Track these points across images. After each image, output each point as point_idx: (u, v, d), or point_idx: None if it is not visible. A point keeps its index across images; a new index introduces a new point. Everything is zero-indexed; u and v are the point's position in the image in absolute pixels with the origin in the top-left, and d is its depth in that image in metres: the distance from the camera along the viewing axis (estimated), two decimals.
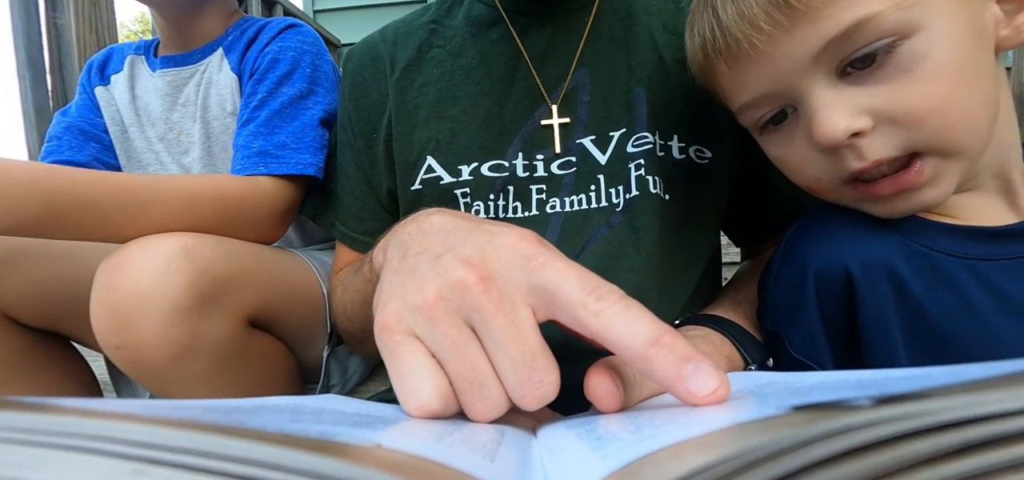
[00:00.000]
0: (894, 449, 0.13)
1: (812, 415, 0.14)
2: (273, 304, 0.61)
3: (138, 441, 0.13)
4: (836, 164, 0.37)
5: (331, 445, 0.14)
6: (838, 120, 0.35)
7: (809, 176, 0.40)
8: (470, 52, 0.58)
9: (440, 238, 0.29)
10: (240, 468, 0.12)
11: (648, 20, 0.56)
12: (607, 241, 0.51)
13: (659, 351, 0.23)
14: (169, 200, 0.55)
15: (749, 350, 0.43)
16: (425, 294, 0.27)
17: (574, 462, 0.19)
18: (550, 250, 0.27)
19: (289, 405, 0.24)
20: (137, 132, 0.78)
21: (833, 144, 0.35)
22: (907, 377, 0.19)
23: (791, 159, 0.41)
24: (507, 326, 0.25)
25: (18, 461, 0.13)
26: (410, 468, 0.15)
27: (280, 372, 0.66)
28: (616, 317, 0.24)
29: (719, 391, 0.22)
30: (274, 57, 0.69)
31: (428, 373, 0.26)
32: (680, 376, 0.22)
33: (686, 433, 0.17)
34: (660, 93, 0.54)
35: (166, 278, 0.49)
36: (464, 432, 0.23)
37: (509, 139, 0.55)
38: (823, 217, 0.43)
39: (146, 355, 0.49)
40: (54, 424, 0.13)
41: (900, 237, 0.39)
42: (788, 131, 0.40)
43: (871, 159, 0.35)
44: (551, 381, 0.25)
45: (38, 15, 1.22)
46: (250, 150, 0.65)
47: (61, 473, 0.12)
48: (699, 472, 0.13)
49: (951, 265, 0.38)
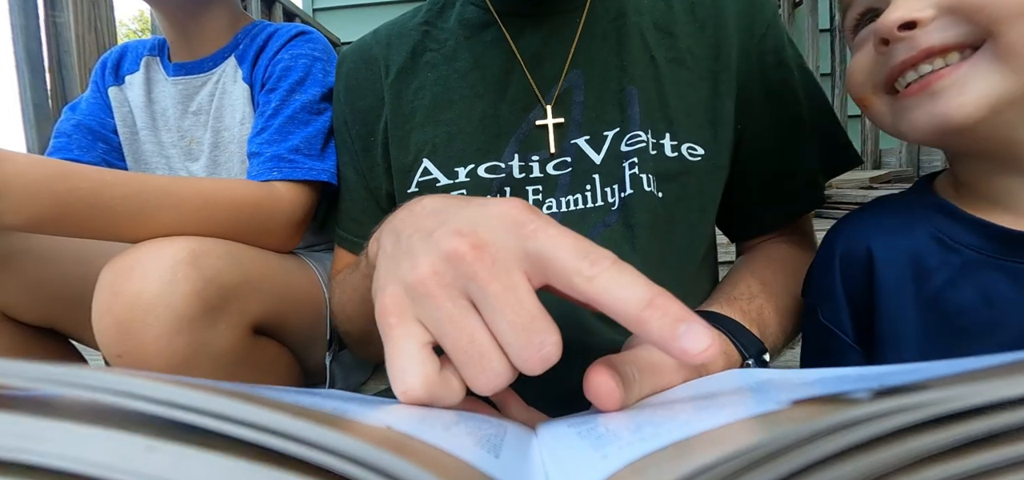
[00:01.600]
0: (896, 445, 0.13)
1: (812, 409, 0.14)
2: (278, 311, 0.61)
3: (152, 397, 0.12)
4: (885, 61, 0.38)
5: (344, 421, 0.14)
6: (895, 11, 0.36)
7: (858, 81, 0.41)
8: (464, 55, 0.58)
9: (432, 217, 0.29)
10: (254, 434, 0.12)
11: (639, 19, 0.56)
12: (603, 240, 0.51)
13: (653, 313, 0.23)
14: (184, 203, 0.54)
15: (746, 345, 0.43)
16: (419, 271, 0.26)
17: (575, 461, 0.19)
18: (541, 217, 0.27)
19: (296, 393, 0.25)
20: (150, 135, 0.78)
21: (886, 31, 0.36)
22: (907, 370, 0.19)
23: (855, 62, 0.42)
24: (503, 291, 0.25)
25: (25, 433, 0.12)
26: (421, 455, 0.15)
27: (284, 379, 0.66)
28: (610, 281, 0.24)
29: (711, 348, 0.22)
30: (286, 65, 0.69)
31: (416, 359, 0.26)
32: (674, 335, 0.22)
33: (687, 431, 0.17)
34: (652, 92, 0.54)
35: (172, 286, 0.48)
36: (469, 424, 0.24)
37: (505, 141, 0.55)
38: (863, 209, 0.46)
39: (148, 364, 0.48)
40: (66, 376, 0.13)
41: (931, 230, 0.40)
42: (867, 34, 0.41)
43: (920, 47, 0.36)
44: (553, 342, 0.25)
45: (37, 13, 1.22)
46: (264, 156, 0.65)
47: (71, 447, 0.12)
48: (702, 471, 0.13)
49: (979, 262, 0.38)
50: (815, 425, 0.13)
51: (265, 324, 0.59)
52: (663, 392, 0.30)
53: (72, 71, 1.22)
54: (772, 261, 0.55)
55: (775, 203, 0.58)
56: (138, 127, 0.78)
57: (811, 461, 0.13)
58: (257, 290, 0.57)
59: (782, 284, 0.52)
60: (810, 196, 0.59)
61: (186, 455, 0.12)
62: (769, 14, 0.58)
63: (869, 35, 0.40)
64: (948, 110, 0.35)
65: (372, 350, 0.58)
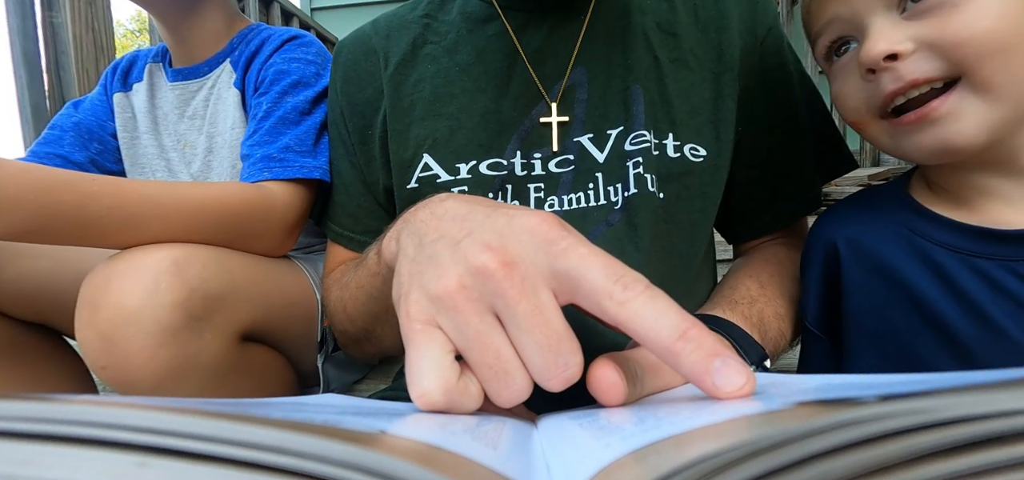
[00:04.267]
0: (895, 442, 0.13)
1: (817, 409, 0.14)
2: (268, 317, 0.60)
3: (141, 426, 0.12)
4: (875, 90, 0.40)
5: (338, 431, 0.14)
6: (880, 42, 0.38)
7: (851, 106, 0.43)
8: (466, 48, 0.57)
9: (457, 223, 0.29)
10: (246, 453, 0.12)
11: (643, 19, 0.56)
12: (606, 239, 0.51)
13: (686, 345, 0.22)
14: (171, 211, 0.53)
15: (748, 350, 0.43)
16: (446, 282, 0.26)
17: (577, 451, 0.19)
18: (572, 234, 0.26)
19: (290, 402, 0.25)
20: (152, 139, 0.78)
21: (871, 63, 0.39)
22: (911, 381, 0.19)
23: (842, 90, 0.44)
24: (531, 311, 0.25)
25: (19, 458, 0.13)
26: (417, 454, 0.15)
27: (276, 384, 0.65)
28: (643, 308, 0.23)
29: (746, 387, 0.22)
30: (279, 69, 0.69)
31: (437, 365, 0.25)
32: (707, 371, 0.22)
33: (690, 425, 0.17)
34: (655, 92, 0.54)
35: (154, 298, 0.47)
36: (467, 421, 0.24)
37: (507, 137, 0.54)
38: (844, 202, 0.50)
39: (133, 376, 0.47)
40: (55, 412, 0.13)
41: (900, 227, 0.44)
42: (846, 63, 0.44)
43: (907, 79, 0.38)
44: (576, 363, 0.25)
45: (34, 14, 1.22)
46: (255, 157, 0.64)
47: (63, 469, 0.12)
48: (704, 460, 0.13)
49: (941, 255, 0.42)
50: (818, 422, 0.13)
51: (255, 330, 0.59)
52: (665, 392, 0.30)
53: (69, 72, 1.22)
54: (771, 264, 0.55)
55: (773, 206, 0.58)
56: (140, 131, 0.78)
57: (810, 453, 0.13)
58: (245, 297, 0.56)
59: (781, 288, 0.52)
60: (807, 199, 0.59)
61: (178, 471, 0.12)
62: (770, 17, 0.58)
63: (850, 63, 0.43)
64: (949, 136, 0.38)
65: (369, 349, 0.57)
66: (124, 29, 12.29)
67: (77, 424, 0.13)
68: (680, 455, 0.13)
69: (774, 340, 0.48)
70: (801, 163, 0.58)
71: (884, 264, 0.43)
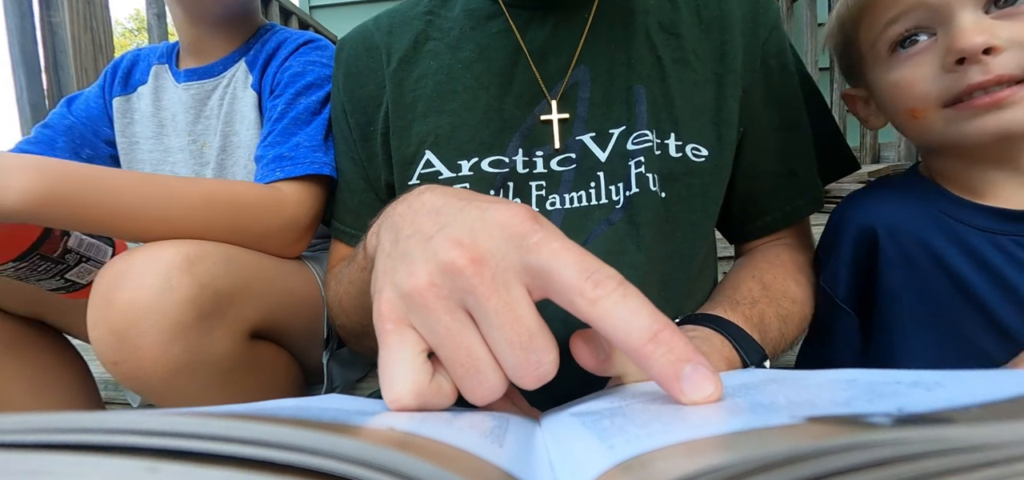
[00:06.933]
0: (909, 464, 0.13)
1: (830, 428, 0.13)
2: (276, 315, 0.60)
3: (150, 429, 0.12)
4: (956, 79, 0.43)
5: (346, 426, 0.14)
6: (979, 36, 0.41)
7: (917, 94, 0.46)
8: (469, 45, 0.57)
9: (431, 217, 0.28)
10: (256, 451, 0.12)
11: (646, 19, 0.56)
12: (607, 238, 0.51)
13: (657, 348, 0.22)
14: (183, 203, 0.53)
15: (748, 352, 0.43)
16: (416, 280, 0.26)
17: (580, 451, 0.19)
18: (545, 228, 0.25)
19: (294, 404, 0.25)
20: (155, 143, 0.77)
21: (970, 51, 0.41)
22: (918, 382, 0.19)
23: (911, 76, 0.46)
24: (502, 308, 0.24)
25: (28, 468, 0.12)
26: (424, 449, 0.15)
27: (283, 381, 0.65)
28: (614, 307, 0.23)
29: (714, 395, 0.21)
30: (295, 72, 0.69)
31: (408, 367, 0.25)
32: (676, 376, 0.22)
33: (697, 433, 0.17)
34: (658, 92, 0.54)
35: (166, 294, 0.47)
36: (472, 418, 0.24)
37: (509, 135, 0.54)
38: (871, 187, 0.54)
39: (145, 372, 0.47)
40: (63, 422, 0.13)
41: (932, 209, 0.48)
42: (917, 52, 0.46)
43: (995, 73, 0.42)
44: (550, 360, 0.25)
45: (32, 13, 1.21)
46: (267, 158, 0.64)
47: (73, 475, 0.12)
48: (711, 471, 0.13)
49: (972, 235, 0.46)
50: (832, 442, 0.12)
51: (263, 328, 0.59)
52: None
53: (68, 71, 1.21)
54: (773, 265, 0.55)
55: (775, 206, 0.58)
56: (140, 137, 0.78)
57: (823, 473, 0.13)
58: (255, 295, 0.56)
59: (783, 289, 0.52)
60: (809, 199, 0.59)
61: (188, 475, 0.12)
62: (773, 17, 0.58)
63: (923, 52, 0.45)
64: (1013, 120, 0.42)
65: (369, 344, 0.57)
66: (122, 28, 12.26)
67: (85, 431, 0.13)
68: (686, 464, 0.13)
69: (774, 341, 0.48)
70: (803, 164, 0.58)
71: (926, 246, 0.46)
